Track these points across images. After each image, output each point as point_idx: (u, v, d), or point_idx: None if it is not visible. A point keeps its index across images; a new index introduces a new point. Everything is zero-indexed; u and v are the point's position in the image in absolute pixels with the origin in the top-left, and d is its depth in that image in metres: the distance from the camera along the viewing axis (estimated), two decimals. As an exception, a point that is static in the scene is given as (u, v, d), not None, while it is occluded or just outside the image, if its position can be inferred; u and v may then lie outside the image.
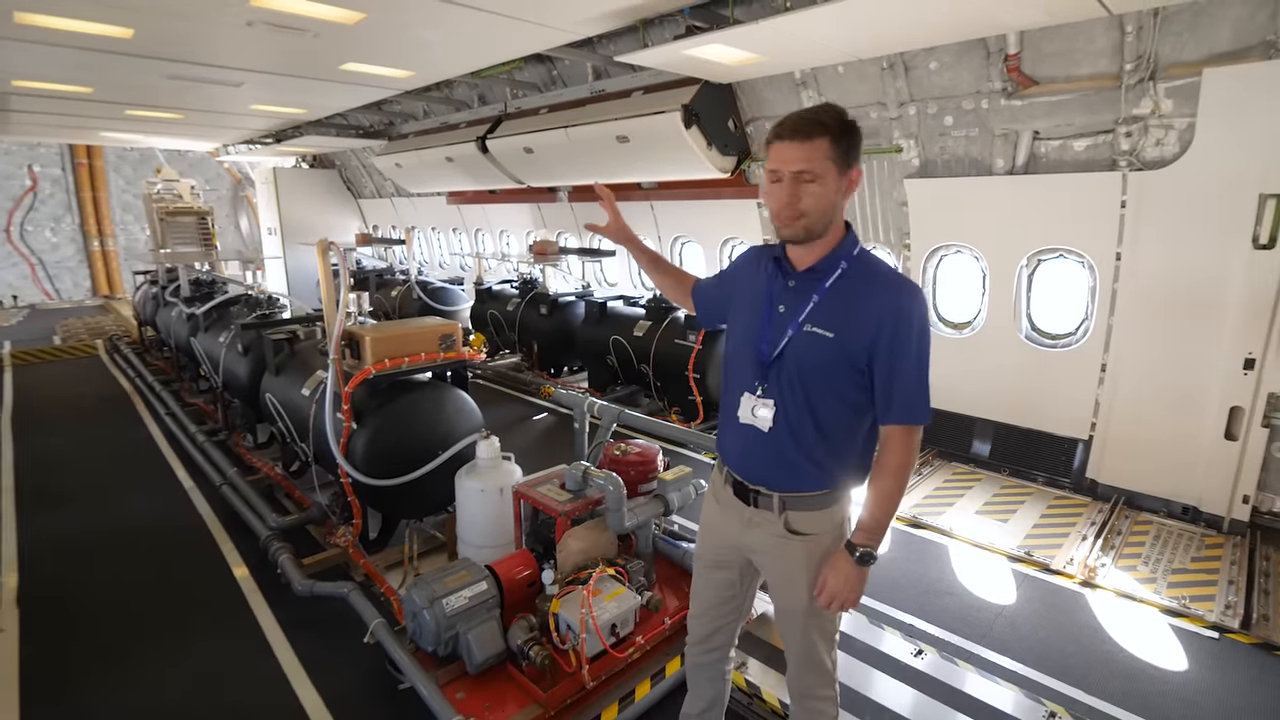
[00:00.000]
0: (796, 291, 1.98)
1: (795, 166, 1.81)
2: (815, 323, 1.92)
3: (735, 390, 2.09)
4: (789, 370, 1.96)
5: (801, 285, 1.98)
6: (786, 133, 1.82)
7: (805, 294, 1.96)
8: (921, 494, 5.50)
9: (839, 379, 1.92)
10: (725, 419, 2.16)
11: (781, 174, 1.85)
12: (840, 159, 1.81)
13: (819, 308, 1.93)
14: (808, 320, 1.93)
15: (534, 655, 2.99)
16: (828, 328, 1.90)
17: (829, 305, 1.92)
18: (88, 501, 5.47)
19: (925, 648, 3.49)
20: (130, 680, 3.37)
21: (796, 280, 1.99)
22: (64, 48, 5.55)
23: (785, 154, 1.83)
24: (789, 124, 1.83)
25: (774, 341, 1.98)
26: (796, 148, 1.81)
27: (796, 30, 4.68)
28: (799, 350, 1.94)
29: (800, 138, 1.80)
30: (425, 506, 4.39)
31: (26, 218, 17.37)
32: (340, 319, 3.96)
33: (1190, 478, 4.97)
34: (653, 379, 7.30)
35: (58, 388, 9.21)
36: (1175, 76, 4.45)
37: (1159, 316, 5.00)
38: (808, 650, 2.17)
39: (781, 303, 2.01)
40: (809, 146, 1.80)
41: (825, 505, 2.04)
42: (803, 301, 1.95)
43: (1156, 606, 3.93)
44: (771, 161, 1.87)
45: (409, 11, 4.81)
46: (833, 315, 1.91)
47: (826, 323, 1.90)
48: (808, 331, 1.93)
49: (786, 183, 1.84)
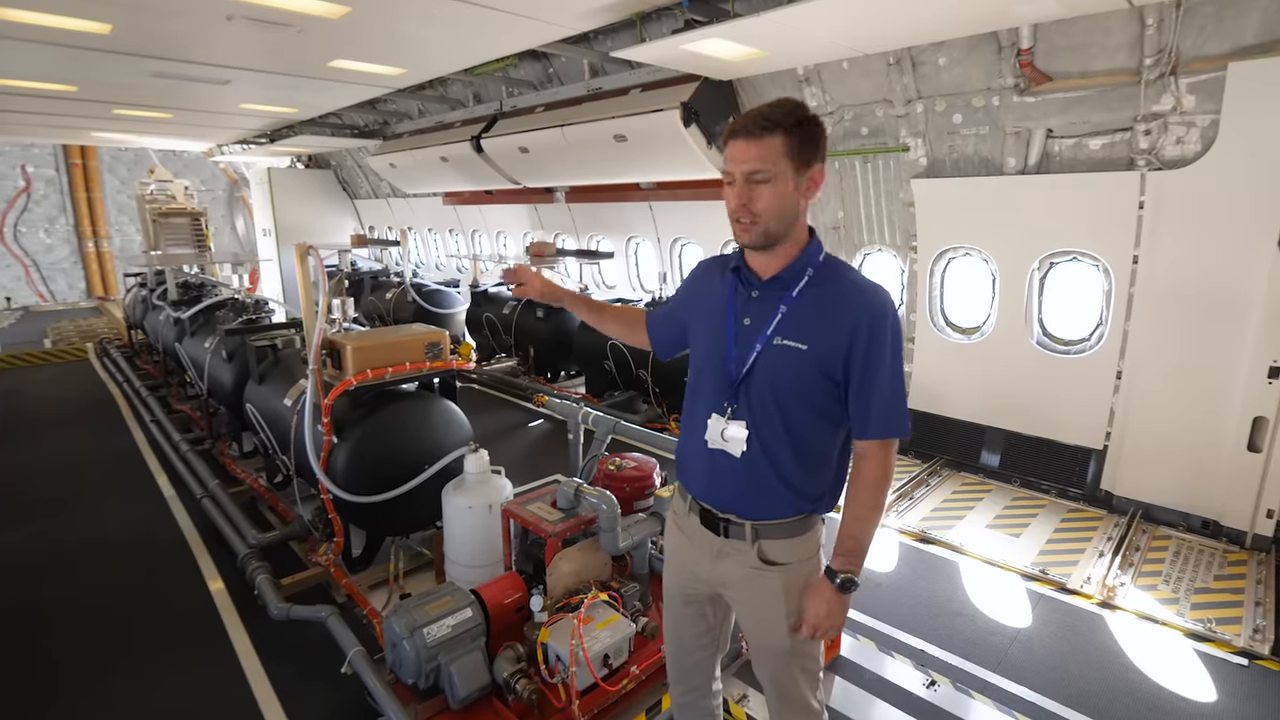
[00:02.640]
0: (761, 302, 1.84)
1: (747, 166, 1.68)
2: (786, 335, 1.78)
3: (700, 413, 1.94)
4: (760, 387, 1.81)
5: (766, 295, 1.84)
6: (739, 131, 1.69)
7: (771, 305, 1.81)
8: (929, 506, 5.30)
9: (814, 392, 1.79)
10: (687, 443, 2.01)
11: (734, 175, 1.71)
12: (797, 156, 1.67)
13: (788, 318, 1.79)
14: (777, 332, 1.79)
15: (521, 689, 2.79)
16: (800, 339, 1.76)
17: (799, 315, 1.78)
18: (65, 511, 5.28)
19: (938, 678, 3.29)
20: (96, 707, 3.17)
21: (760, 290, 1.85)
22: (41, 44, 5.36)
23: (737, 153, 1.70)
24: (741, 121, 1.70)
25: (741, 358, 1.83)
26: (749, 146, 1.68)
27: (799, 23, 4.49)
28: (770, 365, 1.80)
29: (752, 135, 1.67)
30: (411, 523, 4.19)
31: (20, 219, 17.19)
32: (320, 327, 3.76)
33: (1211, 491, 4.76)
34: (651, 385, 7.11)
35: (44, 392, 9.02)
36: (1198, 71, 4.25)
37: (1178, 322, 4.80)
38: (790, 690, 2.01)
39: (746, 315, 1.86)
40: (762, 144, 1.66)
41: (801, 532, 1.90)
42: (770, 313, 1.81)
43: (1180, 630, 3.73)
44: (727, 162, 1.74)
45: (396, 6, 4.61)
46: (804, 326, 1.77)
47: (798, 334, 1.77)
48: (779, 344, 1.78)
49: (739, 184, 1.71)
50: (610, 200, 9.28)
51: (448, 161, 9.90)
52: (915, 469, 5.94)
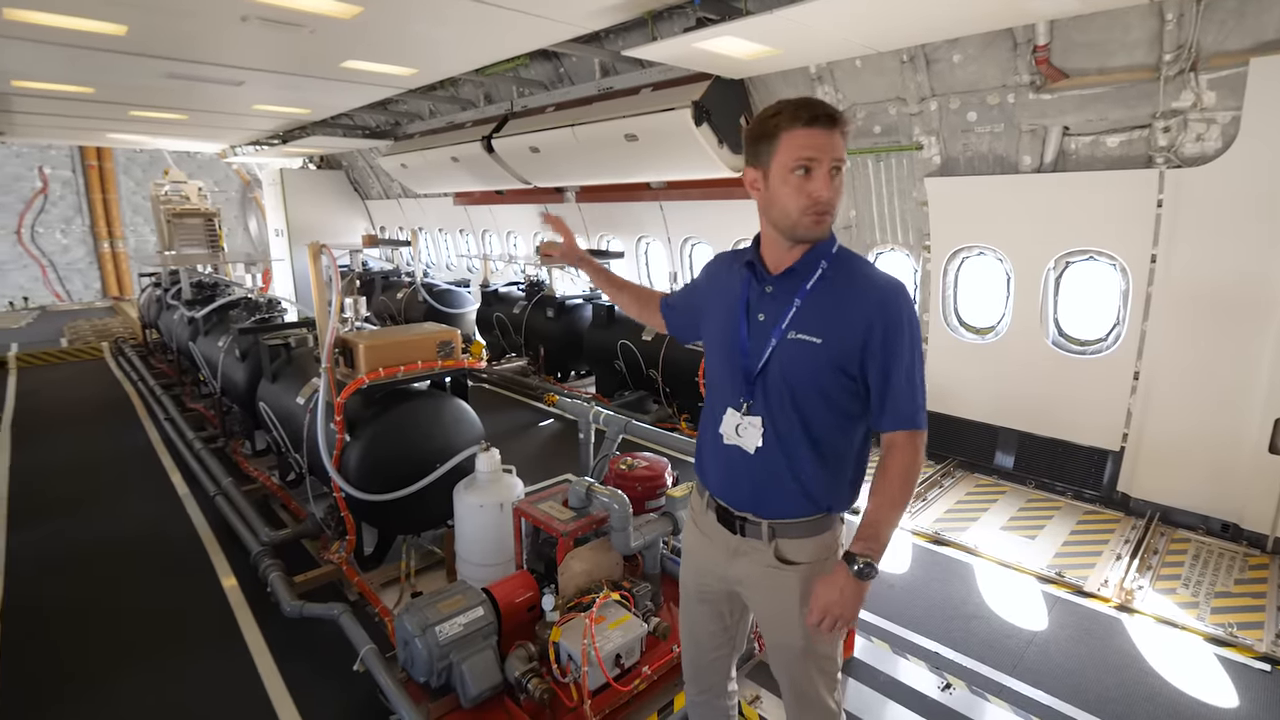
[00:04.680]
0: (775, 297, 1.81)
1: (837, 154, 1.64)
2: (801, 329, 1.75)
3: (716, 408, 1.92)
4: (776, 382, 1.79)
5: (780, 290, 1.81)
6: (820, 118, 1.61)
7: (786, 299, 1.79)
8: (943, 508, 5.25)
9: (831, 387, 1.76)
10: (705, 440, 1.99)
11: (819, 162, 1.63)
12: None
13: (802, 312, 1.76)
14: (792, 327, 1.76)
15: (533, 689, 2.78)
16: (815, 333, 1.73)
17: (813, 309, 1.76)
18: (80, 510, 5.33)
19: (954, 681, 3.25)
20: (109, 705, 3.19)
21: (774, 285, 1.82)
22: (58, 45, 5.42)
23: (821, 141, 1.62)
24: (814, 108, 1.62)
25: (756, 352, 1.81)
26: (831, 135, 1.62)
27: (812, 21, 4.46)
28: (786, 359, 1.77)
29: (832, 125, 1.62)
30: (423, 521, 4.19)
31: (38, 219, 17.42)
32: (333, 325, 3.77)
33: (1230, 493, 4.68)
34: (661, 385, 7.09)
35: (60, 391, 9.12)
36: (1219, 67, 4.18)
37: (1197, 321, 4.73)
38: (807, 691, 1.98)
39: (760, 310, 1.84)
40: (836, 135, 1.64)
41: (818, 531, 1.87)
42: (784, 307, 1.79)
43: (1200, 634, 3.67)
44: (802, 149, 1.63)
45: (408, 6, 4.62)
46: (819, 320, 1.74)
47: (813, 328, 1.74)
48: (794, 339, 1.76)
49: (824, 173, 1.64)
50: (620, 200, 9.27)
51: (458, 162, 9.93)
52: (929, 470, 5.88)
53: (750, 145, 1.74)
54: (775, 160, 1.67)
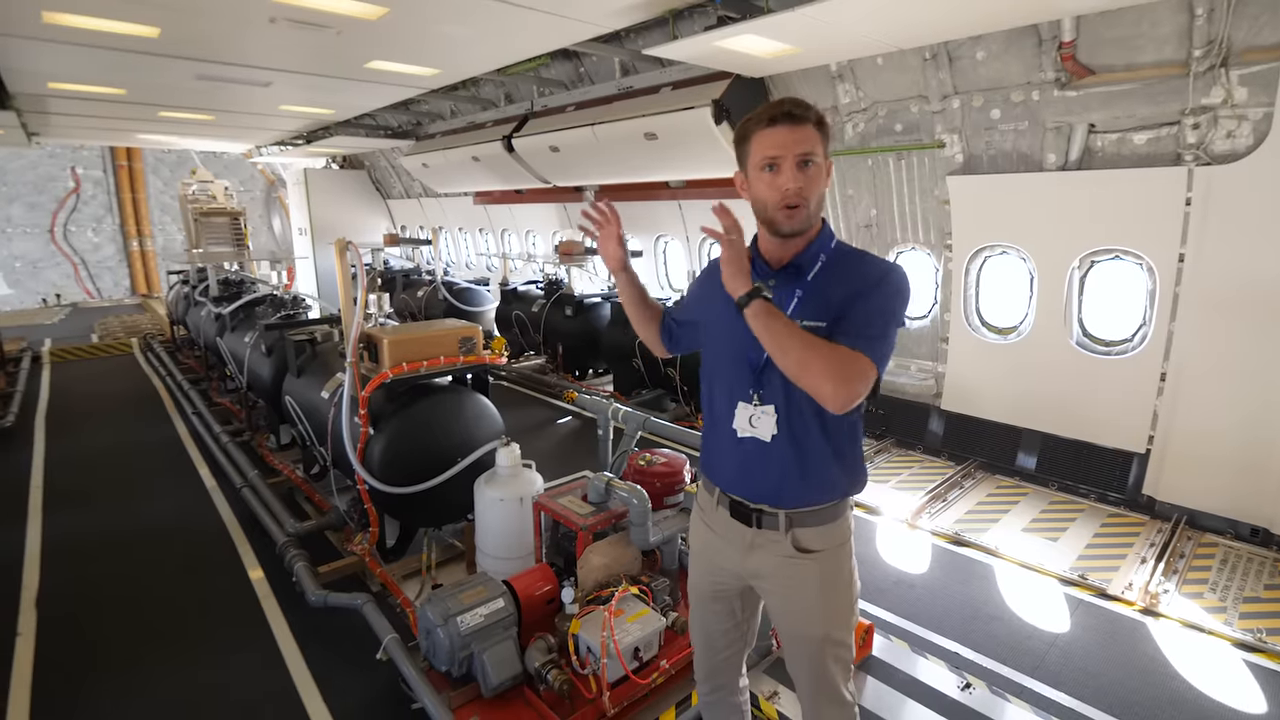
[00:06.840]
0: (776, 290, 1.85)
1: (801, 149, 1.71)
2: (804, 316, 1.80)
3: (725, 404, 1.95)
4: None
5: (782, 283, 1.86)
6: (781, 118, 1.72)
7: (788, 291, 1.85)
8: (964, 509, 5.20)
9: None
10: (712, 438, 2.02)
11: (783, 158, 1.72)
12: (824, 146, 1.76)
13: (805, 301, 1.82)
14: (795, 316, 1.80)
15: (552, 679, 2.82)
16: (818, 318, 1.78)
17: (815, 297, 1.81)
18: (111, 501, 5.47)
19: (974, 681, 3.23)
20: (138, 691, 3.28)
21: (775, 279, 1.88)
22: (93, 48, 5.57)
23: (783, 137, 1.72)
24: (779, 108, 1.73)
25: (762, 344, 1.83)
26: (795, 131, 1.71)
27: (833, 18, 4.45)
28: None
29: (797, 122, 1.71)
30: (444, 514, 4.25)
31: (70, 219, 17.85)
32: (358, 321, 3.84)
33: (1260, 497, 4.59)
34: (679, 383, 7.10)
35: (92, 385, 9.35)
36: (1251, 62, 4.10)
37: (1225, 322, 4.64)
38: (825, 681, 1.99)
39: None
40: (805, 131, 1.72)
41: (833, 518, 1.92)
42: (786, 299, 1.84)
43: (1228, 639, 3.60)
44: (765, 149, 1.74)
45: (432, 6, 4.69)
46: (820, 305, 1.79)
47: (816, 314, 1.79)
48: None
49: (790, 167, 1.72)
50: (639, 199, 9.29)
51: (479, 161, 10.02)
52: (949, 470, 5.83)
53: (736, 150, 1.86)
54: (750, 161, 1.79)
